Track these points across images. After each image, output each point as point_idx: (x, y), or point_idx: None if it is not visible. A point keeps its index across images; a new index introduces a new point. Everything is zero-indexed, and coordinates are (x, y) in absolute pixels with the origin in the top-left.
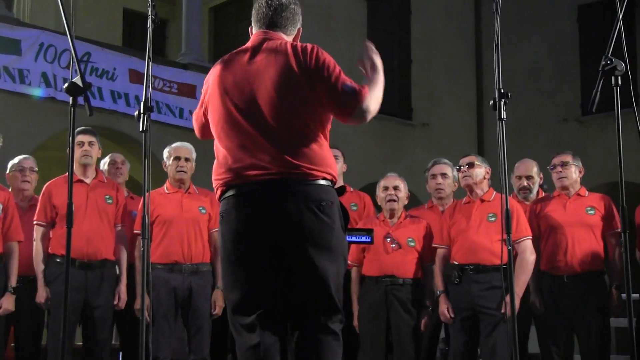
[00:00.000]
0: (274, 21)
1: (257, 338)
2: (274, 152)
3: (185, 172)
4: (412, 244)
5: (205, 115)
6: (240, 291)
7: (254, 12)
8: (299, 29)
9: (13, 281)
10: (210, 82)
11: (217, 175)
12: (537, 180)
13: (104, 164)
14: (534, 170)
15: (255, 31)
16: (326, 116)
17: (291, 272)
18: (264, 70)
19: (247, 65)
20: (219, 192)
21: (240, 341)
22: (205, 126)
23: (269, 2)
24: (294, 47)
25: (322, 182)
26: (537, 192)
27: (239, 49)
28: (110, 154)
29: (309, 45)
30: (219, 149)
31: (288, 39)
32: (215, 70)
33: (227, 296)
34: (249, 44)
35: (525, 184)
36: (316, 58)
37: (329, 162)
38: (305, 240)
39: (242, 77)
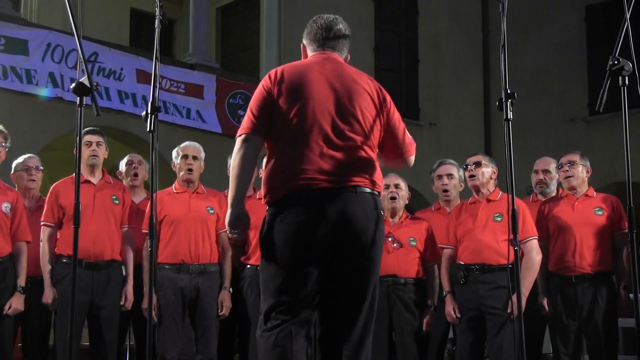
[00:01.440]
0: (331, 45)
1: (283, 330)
2: (347, 162)
3: (192, 170)
4: (413, 243)
5: (269, 111)
6: (293, 291)
7: (310, 30)
8: (347, 55)
9: (22, 281)
10: (287, 81)
11: (282, 177)
12: (555, 176)
13: (122, 164)
14: (552, 165)
15: (311, 50)
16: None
17: (351, 274)
18: (352, 89)
19: (331, 78)
20: (281, 193)
21: (266, 333)
22: (264, 122)
23: (329, 26)
24: (372, 80)
25: (377, 194)
26: (557, 191)
27: (308, 61)
28: (128, 154)
29: (381, 86)
30: (287, 151)
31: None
32: (290, 75)
33: (271, 294)
34: (320, 59)
35: (542, 177)
36: (391, 103)
37: (382, 178)
38: (371, 246)
39: (328, 89)
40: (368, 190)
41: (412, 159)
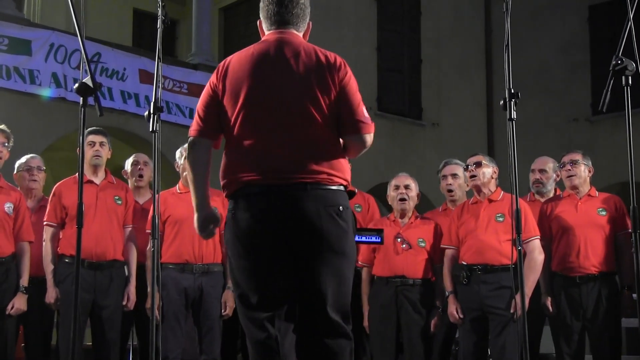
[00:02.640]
0: (285, 19)
1: (266, 333)
2: (296, 156)
3: None
4: (422, 244)
5: (214, 109)
6: (253, 288)
7: (262, 7)
8: (309, 24)
9: (25, 281)
10: (230, 75)
11: (233, 173)
12: (552, 175)
13: (128, 164)
14: (549, 165)
15: (265, 28)
16: None
17: (305, 274)
18: (293, 73)
19: (273, 65)
20: (233, 188)
21: (251, 335)
22: (211, 123)
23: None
24: (324, 55)
25: (340, 187)
26: (555, 191)
27: (254, 47)
28: (134, 154)
29: (338, 59)
30: (236, 146)
31: (299, 34)
32: (235, 65)
33: (236, 291)
34: (266, 43)
35: (538, 176)
36: (346, 74)
37: (345, 167)
38: (323, 244)
39: (269, 78)
40: (323, 185)
41: (368, 138)
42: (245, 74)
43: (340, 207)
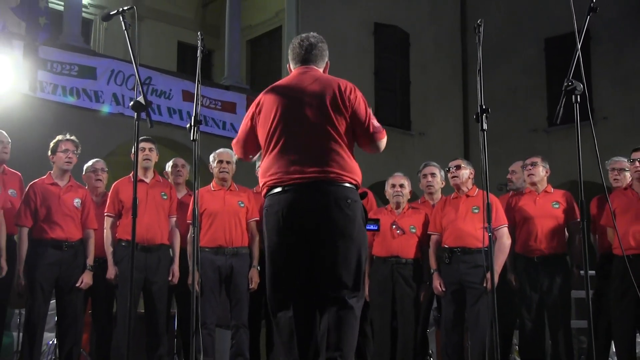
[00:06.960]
0: (307, 58)
1: (290, 311)
2: (312, 160)
3: (227, 172)
4: (413, 230)
5: (251, 132)
6: (279, 270)
7: (290, 52)
8: (327, 62)
9: (91, 260)
10: (264, 103)
11: (265, 177)
12: (522, 176)
13: (168, 166)
14: (519, 167)
15: (293, 67)
16: (352, 137)
17: (319, 256)
18: (312, 97)
19: (295, 92)
20: (265, 190)
21: (277, 312)
22: (249, 143)
23: (302, 43)
24: (337, 81)
25: (348, 184)
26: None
27: (285, 79)
28: (173, 158)
29: (349, 85)
30: (268, 156)
31: (319, 69)
32: (268, 95)
33: (268, 274)
34: (293, 76)
35: (509, 177)
36: (355, 97)
37: (355, 169)
38: (332, 230)
39: (293, 102)
40: (333, 182)
41: (382, 143)
42: (276, 100)
43: (348, 200)
